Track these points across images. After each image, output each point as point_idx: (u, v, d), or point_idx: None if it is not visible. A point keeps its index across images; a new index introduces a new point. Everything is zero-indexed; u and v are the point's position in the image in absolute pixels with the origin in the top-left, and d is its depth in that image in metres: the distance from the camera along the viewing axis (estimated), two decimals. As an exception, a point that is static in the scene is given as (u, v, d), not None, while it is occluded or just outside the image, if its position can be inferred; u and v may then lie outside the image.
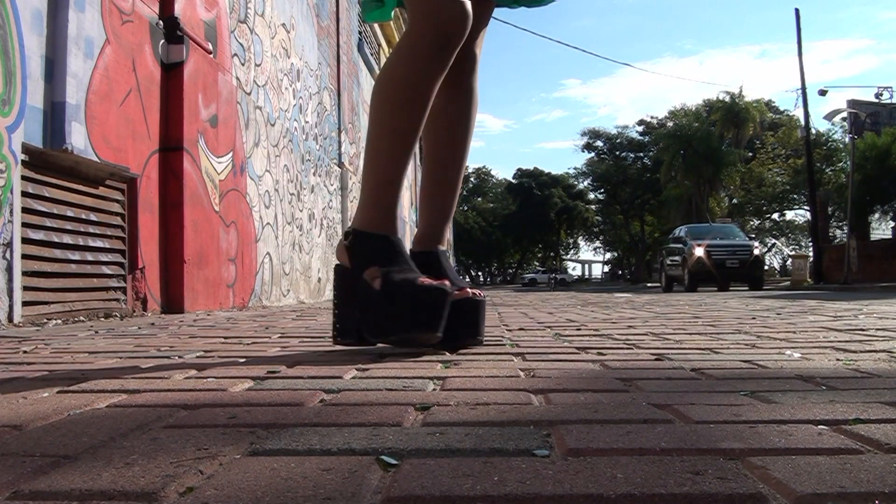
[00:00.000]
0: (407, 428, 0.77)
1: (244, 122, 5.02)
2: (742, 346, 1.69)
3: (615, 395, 0.99)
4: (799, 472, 0.58)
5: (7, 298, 2.64)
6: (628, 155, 49.76)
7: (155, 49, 3.83)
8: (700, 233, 16.54)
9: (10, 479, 0.58)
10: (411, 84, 1.53)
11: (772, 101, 45.36)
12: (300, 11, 6.71)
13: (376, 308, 1.49)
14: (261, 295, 5.27)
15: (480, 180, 64.55)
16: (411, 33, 1.54)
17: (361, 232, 1.55)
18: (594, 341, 1.84)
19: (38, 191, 2.94)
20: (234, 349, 1.71)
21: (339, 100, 8.44)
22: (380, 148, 1.56)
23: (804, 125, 20.43)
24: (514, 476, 0.58)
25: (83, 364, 1.41)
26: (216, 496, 0.54)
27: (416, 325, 1.48)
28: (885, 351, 1.53)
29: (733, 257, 14.73)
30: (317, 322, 2.90)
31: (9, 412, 0.88)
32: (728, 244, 15.29)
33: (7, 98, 2.66)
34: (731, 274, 14.75)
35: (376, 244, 1.54)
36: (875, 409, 0.85)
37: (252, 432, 0.75)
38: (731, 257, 14.72)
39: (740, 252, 14.88)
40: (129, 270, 3.58)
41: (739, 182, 35.60)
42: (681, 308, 4.03)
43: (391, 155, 1.56)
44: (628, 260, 55.96)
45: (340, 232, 8.37)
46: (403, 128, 1.54)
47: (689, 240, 15.60)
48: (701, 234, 16.34)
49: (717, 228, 17.62)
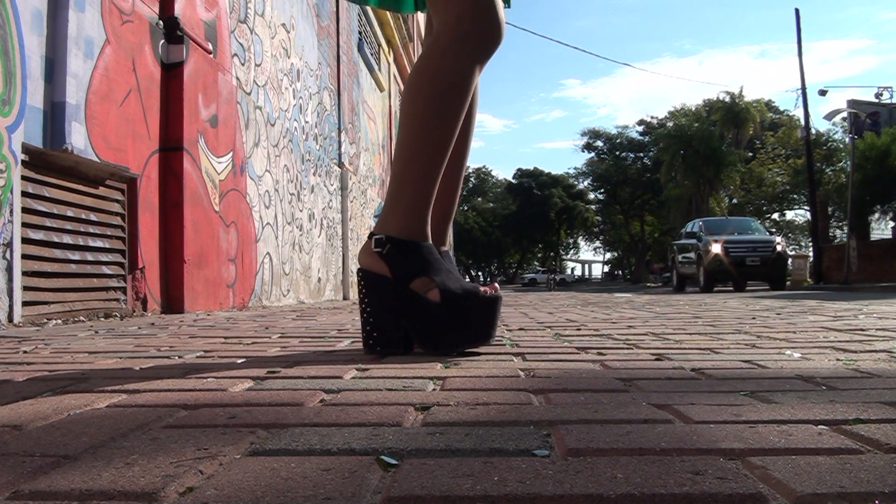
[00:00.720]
0: (407, 428, 0.77)
1: (244, 122, 5.02)
2: (742, 346, 1.69)
3: (615, 395, 0.99)
4: (799, 472, 0.58)
5: (7, 298, 2.64)
6: (628, 155, 49.78)
7: (155, 49, 3.83)
8: (716, 227, 15.14)
9: (10, 479, 0.58)
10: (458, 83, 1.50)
11: (772, 101, 45.42)
12: (300, 11, 6.71)
13: (437, 320, 1.48)
14: (261, 295, 5.27)
15: (480, 180, 64.55)
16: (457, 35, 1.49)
17: (399, 240, 1.50)
18: (594, 341, 1.84)
19: (38, 191, 2.94)
20: (234, 349, 1.71)
21: (339, 100, 8.44)
22: (422, 153, 1.51)
23: (804, 125, 20.44)
24: (514, 476, 0.58)
25: (83, 364, 1.41)
26: (216, 496, 0.54)
27: (483, 335, 1.52)
28: (885, 351, 1.53)
29: (754, 254, 13.36)
30: (317, 322, 2.90)
31: (9, 412, 0.88)
32: (748, 240, 13.88)
33: (7, 98, 2.66)
34: (752, 272, 13.43)
35: (418, 253, 1.50)
36: (875, 409, 0.85)
37: (252, 432, 0.75)
38: (752, 254, 13.35)
39: (761, 248, 13.51)
40: (129, 270, 3.58)
41: (739, 182, 35.62)
42: (681, 308, 4.03)
43: (434, 160, 1.51)
44: (628, 260, 55.96)
45: (340, 232, 8.37)
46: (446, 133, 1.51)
47: (705, 235, 14.18)
48: (717, 228, 14.97)
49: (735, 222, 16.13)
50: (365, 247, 1.54)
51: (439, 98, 1.50)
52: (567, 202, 54.18)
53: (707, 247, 13.58)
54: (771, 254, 13.49)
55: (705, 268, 13.45)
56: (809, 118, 20.21)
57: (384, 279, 1.51)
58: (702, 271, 13.69)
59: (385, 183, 12.19)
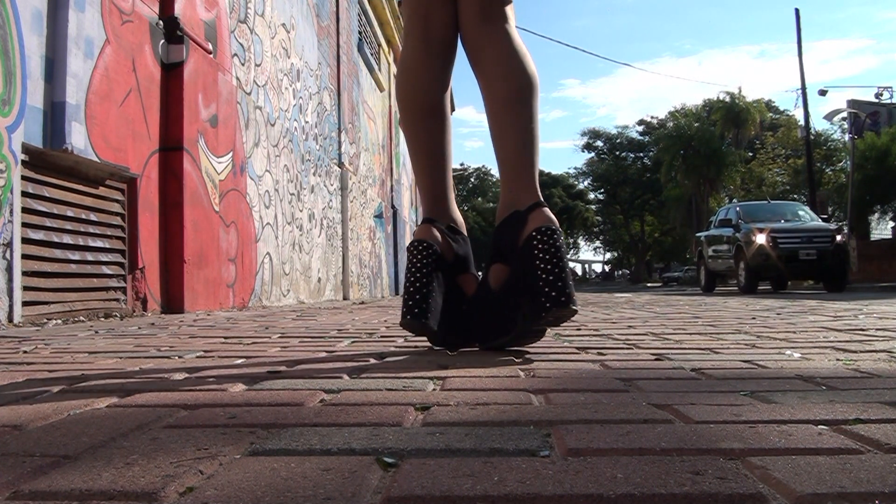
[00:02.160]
0: (407, 428, 0.77)
1: (244, 122, 5.02)
2: (742, 346, 1.69)
3: (615, 395, 0.99)
4: (799, 472, 0.58)
5: (7, 298, 2.64)
6: (628, 155, 49.82)
7: (155, 49, 3.83)
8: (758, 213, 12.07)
9: (10, 479, 0.58)
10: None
11: (772, 101, 45.42)
12: (300, 11, 6.71)
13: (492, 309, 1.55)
14: (261, 295, 5.27)
15: (480, 180, 64.57)
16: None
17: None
18: (594, 341, 1.84)
19: (38, 191, 2.94)
20: (234, 349, 1.71)
21: (339, 100, 8.44)
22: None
23: (804, 125, 20.45)
24: (514, 476, 0.58)
25: (83, 364, 1.41)
26: (216, 496, 0.54)
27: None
28: (885, 351, 1.53)
29: (809, 246, 10.56)
30: (317, 322, 2.90)
31: (9, 412, 0.88)
32: (800, 228, 11.07)
33: (7, 98, 2.66)
34: (806, 269, 10.84)
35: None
36: (875, 409, 0.85)
37: (252, 432, 0.75)
38: (807, 246, 10.56)
39: (818, 239, 10.66)
40: (129, 270, 3.58)
41: (740, 182, 35.63)
42: (681, 308, 4.03)
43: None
44: (628, 260, 55.95)
45: (340, 232, 8.36)
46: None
47: (745, 222, 11.38)
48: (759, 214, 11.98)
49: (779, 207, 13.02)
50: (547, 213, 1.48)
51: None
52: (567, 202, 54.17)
53: (749, 237, 10.80)
54: (829, 245, 10.56)
55: (747, 263, 10.74)
56: (809, 118, 20.22)
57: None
58: (742, 267, 11.00)
59: (385, 183, 12.19)
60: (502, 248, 1.53)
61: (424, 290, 1.50)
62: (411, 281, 1.51)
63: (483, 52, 1.60)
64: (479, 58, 1.61)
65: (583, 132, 63.10)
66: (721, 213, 13.34)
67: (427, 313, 1.49)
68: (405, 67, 1.68)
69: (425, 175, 1.68)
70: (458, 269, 1.62)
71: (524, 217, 1.47)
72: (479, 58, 1.62)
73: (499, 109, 1.57)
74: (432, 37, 1.64)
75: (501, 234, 1.53)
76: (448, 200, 1.69)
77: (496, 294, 1.54)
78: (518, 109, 1.55)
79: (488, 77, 1.60)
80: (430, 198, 1.67)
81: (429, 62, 1.64)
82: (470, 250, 1.67)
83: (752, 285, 10.87)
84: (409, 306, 1.49)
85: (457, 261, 1.61)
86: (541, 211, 1.47)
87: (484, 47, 1.60)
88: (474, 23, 1.61)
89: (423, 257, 1.53)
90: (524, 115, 1.55)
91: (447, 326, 1.56)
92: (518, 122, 1.55)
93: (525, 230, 1.45)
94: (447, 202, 1.69)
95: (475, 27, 1.61)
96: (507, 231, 1.51)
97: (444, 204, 1.68)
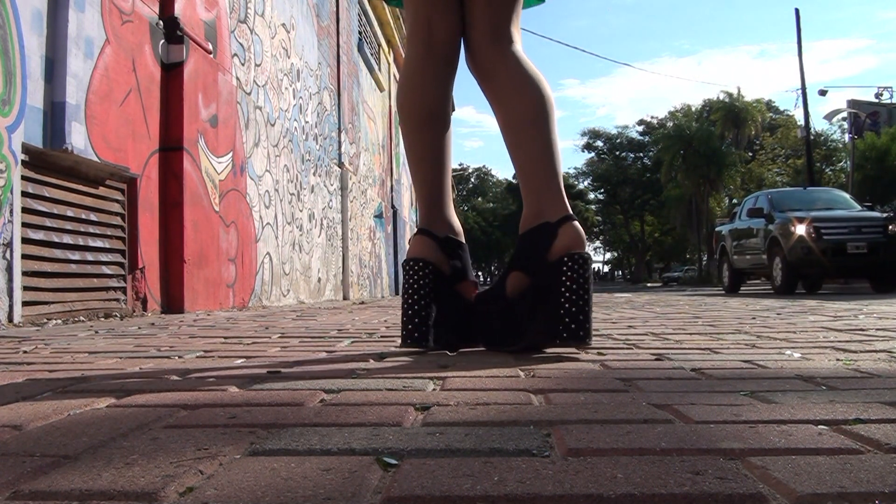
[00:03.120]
0: (407, 428, 0.77)
1: (244, 122, 5.02)
2: (742, 346, 1.69)
3: (615, 395, 0.99)
4: (799, 472, 0.58)
5: (7, 298, 2.64)
6: (628, 155, 49.85)
7: (155, 49, 3.83)
8: (794, 201, 10.06)
9: (10, 479, 0.58)
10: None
11: (772, 101, 45.44)
12: (300, 11, 6.71)
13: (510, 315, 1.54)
14: (261, 295, 5.27)
15: (480, 180, 64.58)
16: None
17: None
18: (594, 341, 1.83)
19: (38, 191, 2.94)
20: (234, 349, 1.71)
21: (339, 100, 8.44)
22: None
23: (804, 125, 20.44)
24: (514, 476, 0.58)
25: (83, 364, 1.41)
26: (216, 496, 0.54)
27: None
28: (885, 351, 1.53)
29: (858, 237, 8.74)
30: (317, 322, 2.90)
31: (9, 412, 0.88)
32: (846, 217, 9.26)
33: (7, 98, 2.66)
34: (855, 264, 8.96)
35: None
36: (875, 409, 0.85)
37: (252, 432, 0.75)
38: (855, 238, 8.74)
39: (867, 229, 8.84)
40: (129, 270, 3.58)
41: (740, 182, 35.65)
42: (681, 308, 4.03)
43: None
44: (628, 260, 55.96)
45: (340, 232, 8.37)
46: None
47: (778, 212, 9.53)
48: (796, 202, 9.97)
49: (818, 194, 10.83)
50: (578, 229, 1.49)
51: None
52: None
53: (787, 228, 9.01)
54: (880, 236, 8.76)
55: (786, 258, 8.92)
56: (809, 118, 20.22)
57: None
58: (778, 263, 9.18)
59: (385, 183, 12.19)
60: (526, 257, 1.52)
61: (423, 313, 1.51)
62: (409, 304, 1.51)
63: (497, 74, 1.59)
64: (493, 79, 1.61)
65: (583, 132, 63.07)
66: (749, 201, 11.32)
67: (427, 336, 1.51)
68: (407, 72, 1.68)
69: (423, 182, 1.68)
70: (457, 278, 1.61)
71: (554, 230, 1.46)
72: (492, 79, 1.61)
73: (520, 128, 1.57)
74: (435, 41, 1.63)
75: (527, 242, 1.52)
76: (446, 207, 1.68)
77: (510, 301, 1.54)
78: (540, 125, 1.54)
79: (506, 98, 1.59)
80: (427, 204, 1.66)
81: (430, 66, 1.63)
82: (468, 258, 1.66)
83: (791, 284, 9.10)
84: (408, 330, 1.51)
85: (454, 271, 1.61)
86: (572, 225, 1.47)
87: (497, 69, 1.59)
88: (484, 43, 1.60)
89: (420, 278, 1.53)
90: (545, 131, 1.55)
91: (447, 327, 1.56)
92: (540, 136, 1.55)
93: (556, 245, 1.45)
94: (445, 209, 1.67)
95: (485, 48, 1.60)
96: (535, 241, 1.50)
97: (441, 211, 1.66)
